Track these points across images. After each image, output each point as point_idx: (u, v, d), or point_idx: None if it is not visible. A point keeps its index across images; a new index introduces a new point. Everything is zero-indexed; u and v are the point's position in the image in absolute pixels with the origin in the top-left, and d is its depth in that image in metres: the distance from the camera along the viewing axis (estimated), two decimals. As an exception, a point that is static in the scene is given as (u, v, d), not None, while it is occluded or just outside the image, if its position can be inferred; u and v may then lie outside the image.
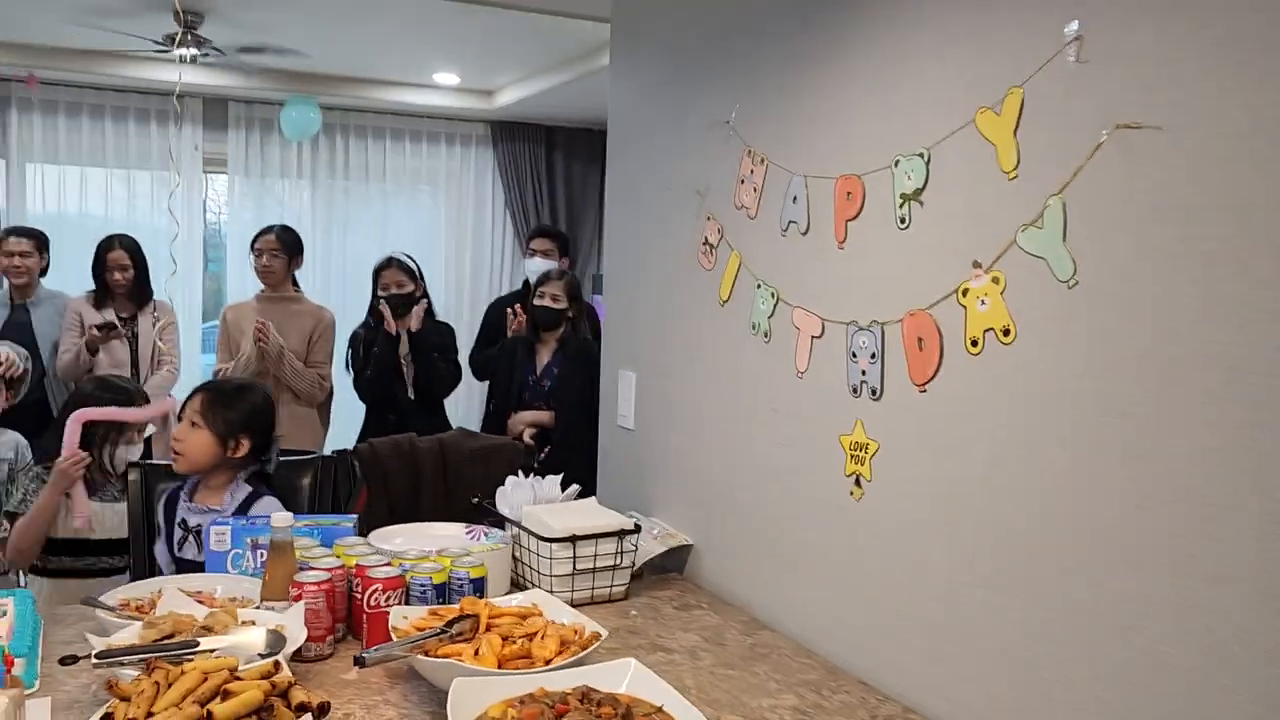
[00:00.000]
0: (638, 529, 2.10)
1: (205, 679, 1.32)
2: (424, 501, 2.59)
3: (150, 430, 4.28)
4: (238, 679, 1.34)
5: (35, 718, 1.46)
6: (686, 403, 2.29)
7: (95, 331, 4.11)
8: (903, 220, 1.65)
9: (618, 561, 2.06)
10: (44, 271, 4.51)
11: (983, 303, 1.50)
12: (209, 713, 1.26)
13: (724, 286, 2.13)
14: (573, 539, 2.00)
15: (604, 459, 2.68)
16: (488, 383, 4.30)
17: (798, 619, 1.93)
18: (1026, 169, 1.43)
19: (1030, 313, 1.42)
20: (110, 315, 4.26)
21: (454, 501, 2.61)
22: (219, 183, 6.61)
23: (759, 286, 2.01)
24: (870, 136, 1.72)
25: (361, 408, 4.12)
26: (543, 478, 2.26)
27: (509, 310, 4.21)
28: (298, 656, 1.69)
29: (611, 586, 2.07)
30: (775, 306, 1.97)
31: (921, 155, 1.60)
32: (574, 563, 2.01)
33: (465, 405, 6.12)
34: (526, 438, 3.73)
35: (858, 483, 1.76)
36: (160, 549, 2.33)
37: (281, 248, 4.10)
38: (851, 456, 1.77)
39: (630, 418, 2.52)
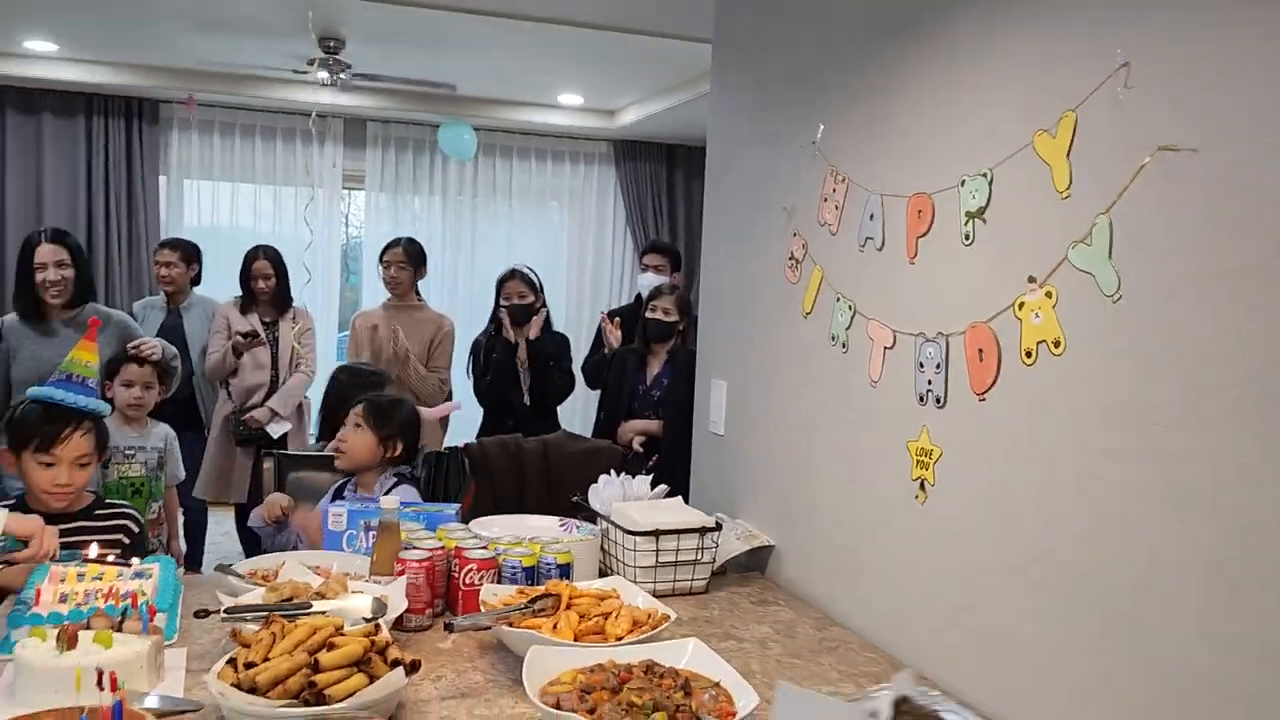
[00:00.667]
0: (718, 527, 2.22)
1: (314, 633, 1.50)
2: (527, 498, 2.76)
3: (286, 428, 4.61)
4: (342, 635, 1.52)
5: (173, 663, 1.68)
6: (771, 410, 2.40)
7: (240, 338, 4.44)
8: (967, 237, 1.73)
9: (698, 557, 2.18)
10: (195, 280, 4.89)
11: (1036, 316, 1.57)
12: (315, 660, 1.44)
13: (807, 299, 2.23)
14: (656, 534, 2.13)
15: (696, 463, 2.80)
16: (599, 391, 4.48)
17: (866, 617, 2.01)
18: (1078, 188, 1.50)
19: (1079, 326, 1.49)
20: (254, 320, 4.59)
21: (555, 499, 2.77)
22: (357, 198, 7.00)
23: (838, 299, 2.11)
24: (940, 158, 1.81)
25: (480, 411, 4.35)
26: (633, 477, 2.40)
27: (604, 320, 4.38)
28: (400, 626, 1.88)
29: (692, 580, 2.19)
30: (852, 319, 2.06)
31: (985, 175, 1.69)
32: (656, 556, 2.14)
33: (581, 413, 6.32)
34: (636, 445, 3.89)
35: (922, 487, 1.84)
36: None
37: (408, 260, 4.37)
38: (917, 462, 1.85)
39: (720, 424, 2.64)
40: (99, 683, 1.40)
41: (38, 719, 1.33)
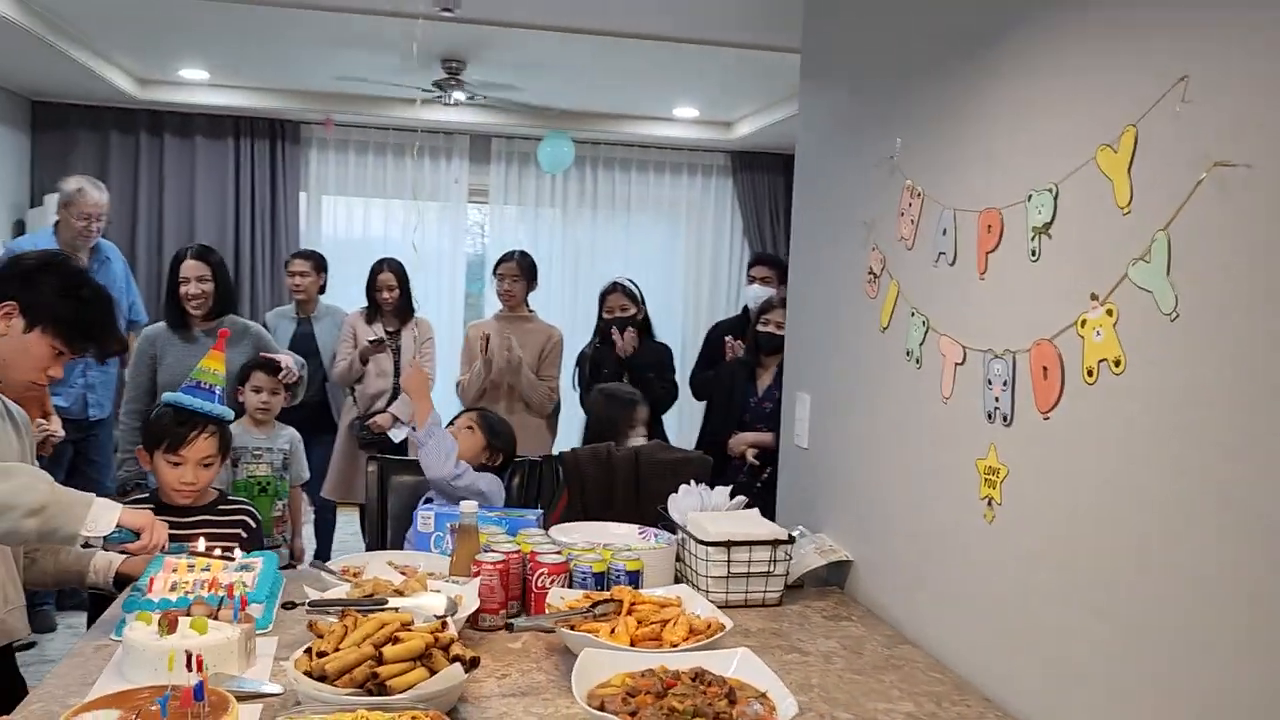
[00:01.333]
0: (791, 540, 2.23)
1: (382, 627, 1.60)
2: (617, 505, 2.83)
3: (406, 433, 4.81)
4: (408, 630, 1.61)
5: (264, 650, 1.81)
6: (850, 425, 2.41)
7: (368, 344, 4.66)
8: (1033, 253, 1.71)
9: (770, 569, 2.20)
10: (322, 289, 5.16)
11: (1098, 334, 1.54)
12: (380, 653, 1.54)
13: (884, 314, 2.23)
14: (728, 544, 2.17)
15: (783, 476, 2.82)
16: (706, 403, 4.51)
17: (936, 635, 2.00)
18: (1139, 204, 1.47)
19: (1139, 344, 1.46)
20: (379, 330, 4.82)
21: (644, 507, 2.83)
22: (481, 211, 7.24)
23: (912, 314, 2.11)
24: (1008, 172, 1.80)
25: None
26: (711, 488, 2.44)
27: (727, 341, 4.40)
28: (475, 625, 1.97)
29: (765, 592, 2.21)
30: (925, 334, 2.06)
31: (1050, 190, 1.67)
32: (728, 566, 2.17)
33: (690, 423, 6.36)
34: (750, 457, 3.90)
35: (990, 505, 1.82)
36: None
37: (521, 273, 4.52)
38: (985, 480, 1.84)
39: (805, 437, 2.65)
40: (188, 664, 1.53)
41: (125, 696, 1.46)
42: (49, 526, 1.78)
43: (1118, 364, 1.50)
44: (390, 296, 4.79)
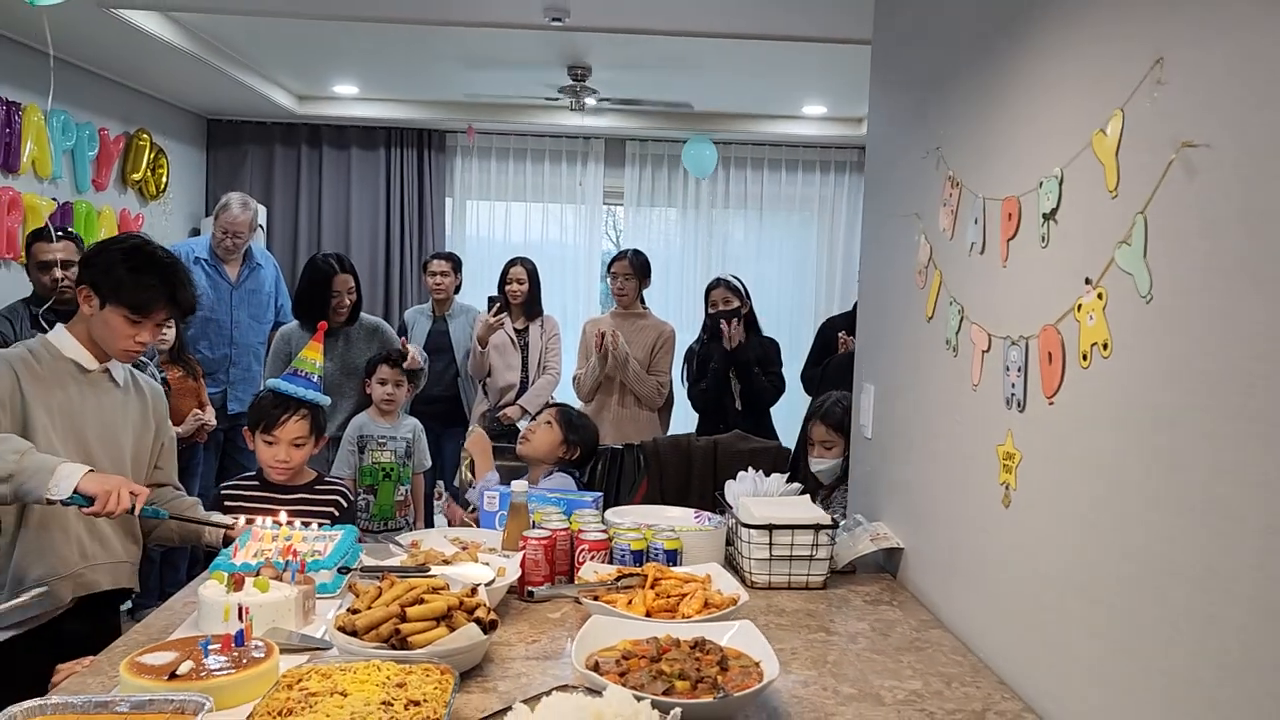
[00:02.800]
0: (834, 525, 2.27)
1: (410, 590, 1.76)
2: (693, 493, 2.92)
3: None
4: (435, 594, 1.76)
5: (328, 610, 2.00)
6: (901, 414, 2.42)
7: (486, 318, 4.84)
8: (1043, 239, 1.71)
9: (813, 553, 2.25)
10: (458, 288, 5.44)
11: (1091, 318, 1.54)
12: (404, 611, 1.70)
13: (929, 304, 2.25)
14: (769, 527, 2.23)
15: (853, 467, 2.84)
16: (818, 398, 4.54)
17: (964, 620, 2.01)
18: (1124, 188, 1.47)
19: (1122, 328, 1.46)
20: (508, 325, 5.03)
21: (720, 495, 2.91)
22: (616, 212, 7.43)
23: (950, 303, 2.12)
24: (1026, 160, 1.80)
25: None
26: (767, 475, 2.50)
27: (840, 336, 4.41)
28: (527, 596, 2.10)
29: (809, 575, 2.26)
30: (960, 323, 2.06)
31: (1056, 176, 1.67)
32: (770, 549, 2.23)
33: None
34: None
35: (1006, 491, 1.83)
36: None
37: (633, 271, 4.65)
38: (1003, 466, 1.84)
39: (869, 428, 2.67)
40: (239, 615, 1.73)
41: (187, 641, 1.67)
42: (21, 490, 2.00)
43: (1105, 348, 1.50)
44: (520, 290, 4.98)
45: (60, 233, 3.73)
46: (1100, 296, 1.52)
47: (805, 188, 7.26)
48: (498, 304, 4.81)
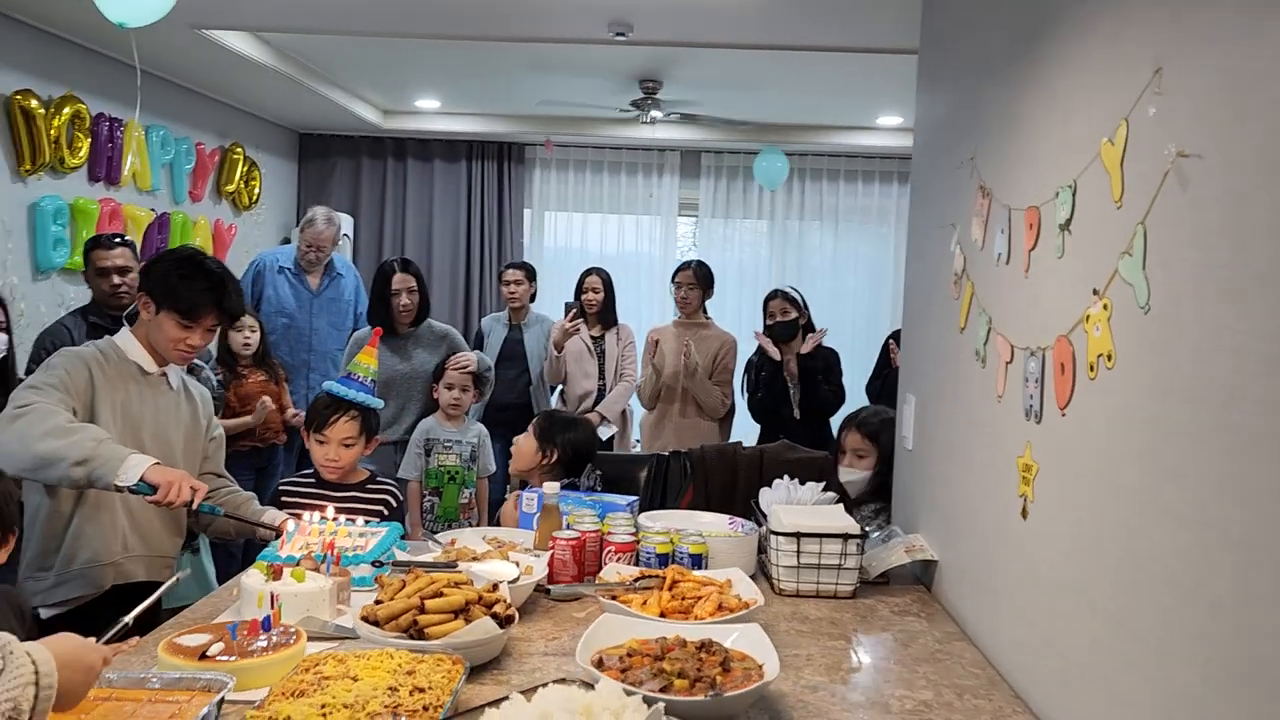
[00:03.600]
0: (863, 535, 2.28)
1: (432, 583, 1.83)
2: (738, 501, 2.94)
3: (611, 431, 5.05)
4: (455, 589, 1.83)
5: (359, 602, 2.08)
6: (936, 425, 2.41)
7: (563, 323, 4.92)
8: (1059, 249, 1.70)
9: (842, 562, 2.26)
10: (533, 297, 5.54)
11: (1097, 329, 1.54)
12: (423, 604, 1.77)
13: (962, 315, 2.24)
14: (797, 535, 2.24)
15: (895, 478, 2.83)
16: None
17: (988, 635, 2.00)
18: (1128, 198, 1.46)
19: (1124, 339, 1.45)
20: (584, 332, 5.10)
21: (755, 503, 2.92)
22: (689, 224, 7.48)
23: (980, 314, 2.11)
24: (1044, 169, 1.79)
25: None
26: (802, 483, 2.51)
27: (890, 346, 4.39)
28: (545, 594, 2.16)
29: (837, 585, 2.27)
30: (988, 334, 2.06)
31: (1070, 186, 1.66)
32: (798, 556, 2.25)
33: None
34: None
35: (1025, 503, 1.82)
36: None
37: (696, 281, 4.69)
38: (1021, 478, 1.83)
39: (909, 439, 2.66)
40: (271, 602, 1.83)
41: (206, 629, 1.77)
42: (94, 474, 2.14)
43: (1109, 359, 1.49)
44: (595, 299, 5.06)
45: (117, 239, 3.83)
46: (1105, 307, 1.51)
47: (882, 199, 7.20)
48: (574, 309, 4.89)
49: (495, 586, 1.89)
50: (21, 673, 1.09)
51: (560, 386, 5.17)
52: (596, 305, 5.03)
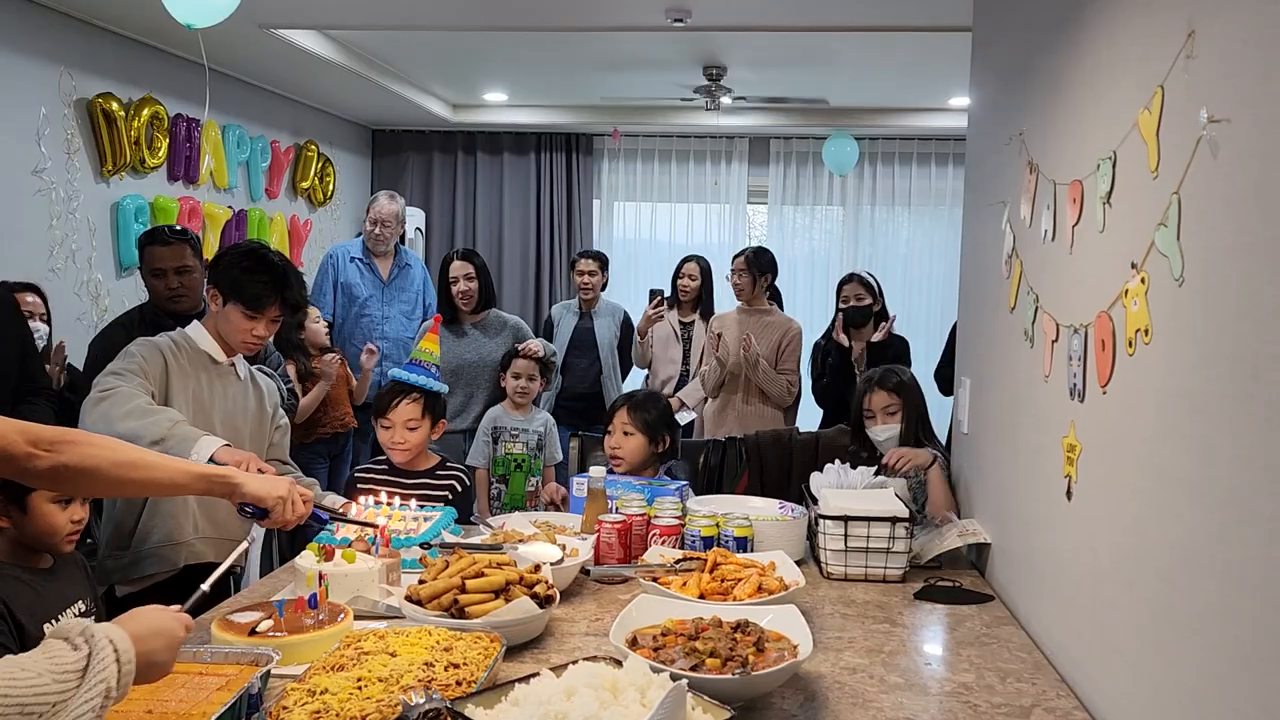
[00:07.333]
0: (911, 519, 2.25)
1: (473, 564, 1.86)
2: (793, 486, 2.93)
3: (691, 417, 5.04)
4: (496, 569, 1.87)
5: (408, 583, 2.14)
6: (992, 408, 2.37)
7: (648, 310, 4.93)
8: (1101, 223, 1.66)
9: (890, 546, 2.23)
10: (604, 287, 5.56)
11: (1135, 303, 1.50)
12: (464, 583, 1.80)
13: (1011, 294, 2.19)
14: (845, 519, 2.23)
15: (954, 462, 2.79)
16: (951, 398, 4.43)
17: (1034, 618, 1.96)
18: (1163, 167, 1.42)
19: (1160, 312, 1.41)
20: (672, 318, 5.10)
21: (805, 487, 2.91)
22: (761, 212, 7.43)
23: (1028, 293, 2.06)
24: (1087, 141, 1.75)
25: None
26: (853, 467, 2.49)
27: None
28: (596, 576, 2.18)
29: (886, 568, 2.25)
30: (1035, 312, 2.01)
31: (1110, 158, 1.62)
32: (845, 540, 2.23)
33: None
34: None
35: (1069, 484, 1.78)
36: None
37: (748, 267, 4.66)
38: (1066, 458, 1.79)
39: (965, 423, 2.62)
40: (319, 581, 1.88)
41: (258, 606, 1.83)
42: (168, 453, 2.13)
43: (1147, 334, 1.45)
44: (691, 285, 5.07)
45: (173, 232, 3.38)
46: (1143, 281, 1.47)
47: (955, 181, 7.05)
48: (659, 296, 4.91)
49: (537, 568, 1.92)
50: (105, 655, 1.14)
51: (646, 371, 5.20)
52: (692, 292, 5.03)
